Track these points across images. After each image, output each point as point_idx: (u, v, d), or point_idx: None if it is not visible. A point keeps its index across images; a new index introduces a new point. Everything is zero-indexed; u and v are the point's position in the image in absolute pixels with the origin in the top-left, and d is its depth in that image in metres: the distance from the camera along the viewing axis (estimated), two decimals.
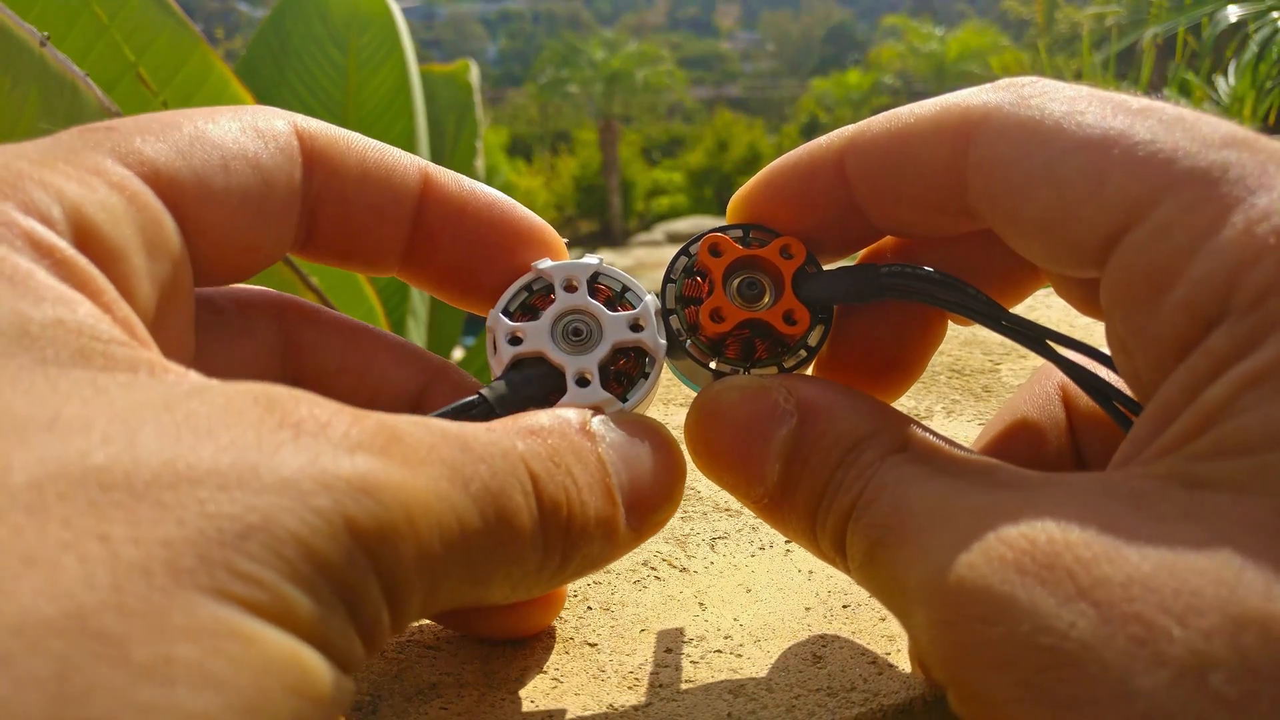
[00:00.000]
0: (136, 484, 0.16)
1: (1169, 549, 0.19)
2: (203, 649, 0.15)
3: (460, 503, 0.21)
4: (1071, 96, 0.25)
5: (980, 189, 0.26)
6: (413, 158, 0.31)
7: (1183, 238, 0.22)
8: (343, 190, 0.29)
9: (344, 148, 0.29)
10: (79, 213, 0.22)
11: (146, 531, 0.16)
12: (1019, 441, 0.32)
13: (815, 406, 0.27)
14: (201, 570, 0.16)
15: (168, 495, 0.16)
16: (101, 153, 0.24)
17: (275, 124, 0.28)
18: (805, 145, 0.31)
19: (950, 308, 0.30)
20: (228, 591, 0.16)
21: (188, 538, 0.16)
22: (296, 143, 0.28)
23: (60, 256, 0.21)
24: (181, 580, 0.15)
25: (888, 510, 0.24)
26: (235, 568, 0.16)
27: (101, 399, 0.18)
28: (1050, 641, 0.18)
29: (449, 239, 0.31)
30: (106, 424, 0.17)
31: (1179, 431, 0.21)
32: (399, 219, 0.30)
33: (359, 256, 0.31)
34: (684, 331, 0.31)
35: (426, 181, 0.31)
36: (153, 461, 0.17)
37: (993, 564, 0.20)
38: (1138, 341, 0.23)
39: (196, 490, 0.16)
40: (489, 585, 0.23)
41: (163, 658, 0.14)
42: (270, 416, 0.19)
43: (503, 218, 0.31)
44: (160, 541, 0.16)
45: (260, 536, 0.16)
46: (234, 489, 0.17)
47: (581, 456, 0.25)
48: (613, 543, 0.26)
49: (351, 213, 0.30)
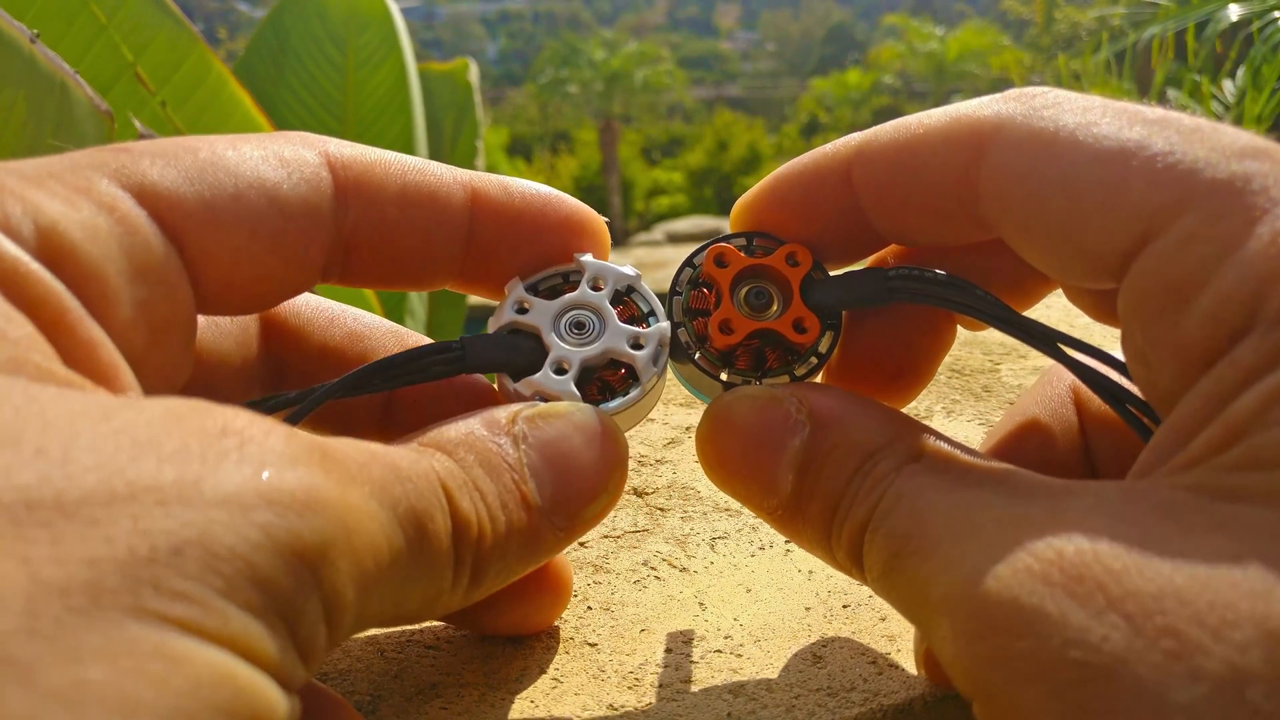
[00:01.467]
0: (67, 502, 0.16)
1: (1201, 561, 0.18)
2: (119, 671, 0.14)
3: (389, 522, 0.21)
4: (1085, 107, 0.25)
5: (993, 200, 0.26)
6: (457, 174, 0.30)
7: (1208, 249, 0.21)
8: (383, 217, 0.29)
9: (382, 174, 0.29)
10: (54, 230, 0.22)
11: (71, 551, 0.15)
12: (1029, 444, 0.31)
13: (828, 416, 0.27)
14: (125, 589, 0.15)
15: (101, 513, 0.16)
16: (101, 173, 0.24)
17: (303, 153, 0.27)
18: (810, 153, 0.30)
19: (960, 310, 0.29)
20: (154, 610, 0.15)
21: (115, 556, 0.15)
22: (327, 173, 0.28)
23: (20, 272, 0.20)
24: (102, 601, 0.15)
25: (907, 521, 0.24)
26: (165, 585, 0.16)
27: (34, 408, 0.17)
28: (1082, 655, 0.18)
29: (506, 249, 0.31)
30: (39, 435, 0.17)
31: (1206, 443, 0.21)
32: (448, 240, 0.30)
33: (407, 279, 0.31)
34: (693, 344, 0.31)
35: (475, 197, 0.30)
36: (88, 478, 0.16)
37: (1020, 576, 0.20)
38: (1159, 352, 0.23)
39: (131, 506, 0.16)
40: (407, 603, 0.23)
41: (75, 681, 0.14)
42: (210, 426, 0.18)
43: (556, 215, 0.31)
44: (85, 561, 0.15)
45: (194, 553, 0.16)
46: (173, 504, 0.16)
47: (493, 468, 0.25)
48: (536, 547, 0.26)
49: (395, 238, 0.29)
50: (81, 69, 1.14)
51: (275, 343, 0.32)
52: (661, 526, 0.41)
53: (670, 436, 0.49)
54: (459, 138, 2.56)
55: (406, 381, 0.29)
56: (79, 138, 0.75)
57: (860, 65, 18.56)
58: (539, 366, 0.30)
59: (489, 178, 0.31)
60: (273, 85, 2.16)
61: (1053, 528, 0.20)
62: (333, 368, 0.32)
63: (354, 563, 0.19)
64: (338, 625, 0.19)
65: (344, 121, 2.17)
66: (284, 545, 0.18)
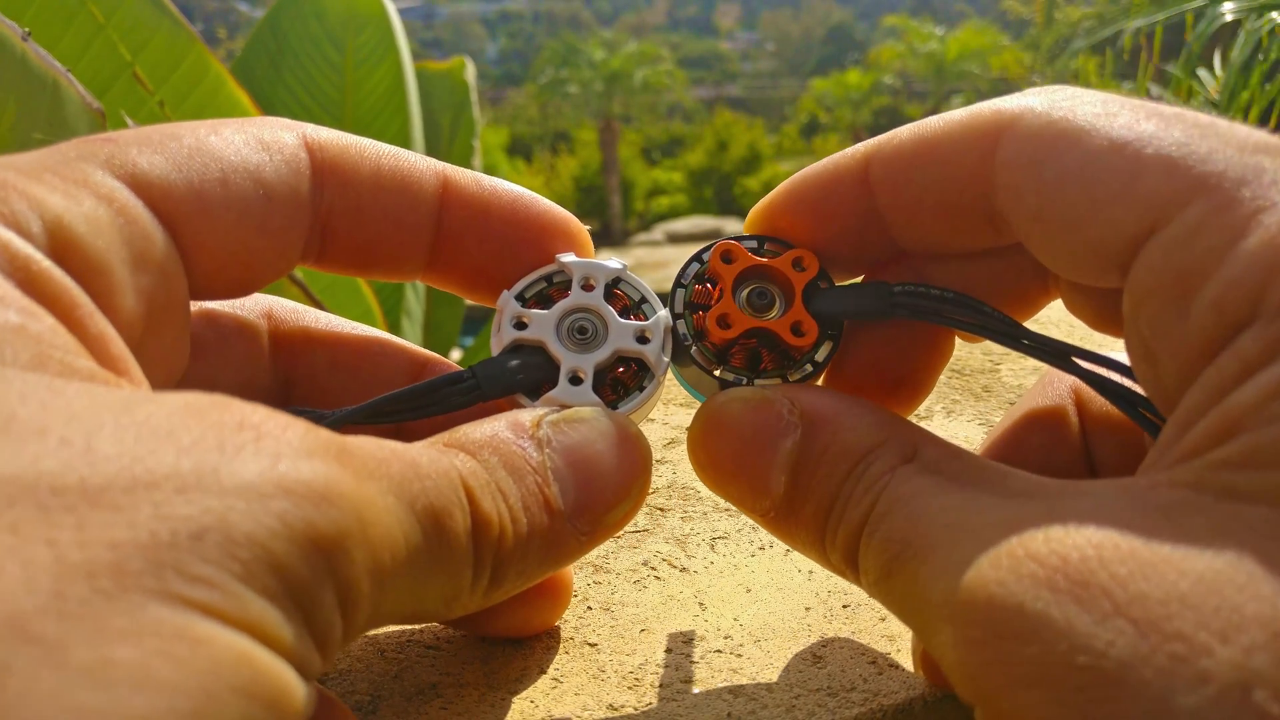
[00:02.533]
0: (90, 488, 0.16)
1: (1206, 564, 0.18)
2: (144, 651, 0.15)
3: (406, 517, 0.21)
4: (1103, 100, 0.25)
5: (1008, 187, 0.26)
6: (430, 162, 0.30)
7: (1213, 239, 0.21)
8: (358, 200, 0.29)
9: (356, 157, 0.29)
10: (60, 225, 0.22)
11: (95, 535, 0.15)
12: (1030, 444, 0.31)
13: (821, 417, 0.27)
14: (149, 572, 0.15)
15: (123, 499, 0.16)
16: (94, 164, 0.24)
17: (282, 136, 0.28)
18: (829, 157, 0.30)
19: (965, 327, 0.29)
20: (176, 593, 0.16)
21: (137, 540, 0.16)
22: (305, 155, 0.28)
23: (34, 269, 0.21)
24: (126, 583, 0.15)
25: (904, 524, 0.24)
26: (186, 569, 0.16)
27: (58, 402, 0.18)
28: (1088, 660, 0.18)
29: (474, 240, 0.31)
30: (63, 427, 0.17)
31: (1202, 435, 0.21)
32: (419, 225, 0.30)
33: (380, 265, 0.31)
34: (690, 337, 0.31)
35: (446, 185, 0.30)
36: (109, 466, 0.17)
37: (1023, 581, 0.19)
38: (1164, 344, 0.23)
39: (153, 493, 0.16)
40: (425, 600, 0.23)
41: (102, 660, 0.14)
42: (229, 419, 0.19)
43: (527, 213, 0.31)
44: (108, 545, 0.15)
45: (214, 538, 0.16)
46: (192, 491, 0.17)
47: (517, 470, 0.25)
48: (557, 551, 0.26)
49: (368, 222, 0.29)
50: (79, 68, 1.14)
51: (284, 359, 0.32)
52: (661, 526, 0.41)
53: (670, 436, 0.49)
54: (456, 136, 2.56)
55: (426, 413, 0.29)
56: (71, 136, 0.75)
57: (860, 65, 18.57)
58: (551, 379, 0.30)
59: (462, 170, 0.31)
60: (270, 85, 2.16)
61: (1054, 530, 0.20)
62: (340, 385, 0.32)
63: (369, 555, 0.19)
64: (353, 616, 0.20)
65: (342, 121, 2.17)
66: (300, 534, 0.18)
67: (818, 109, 17.34)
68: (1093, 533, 0.20)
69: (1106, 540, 0.19)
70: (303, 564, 0.18)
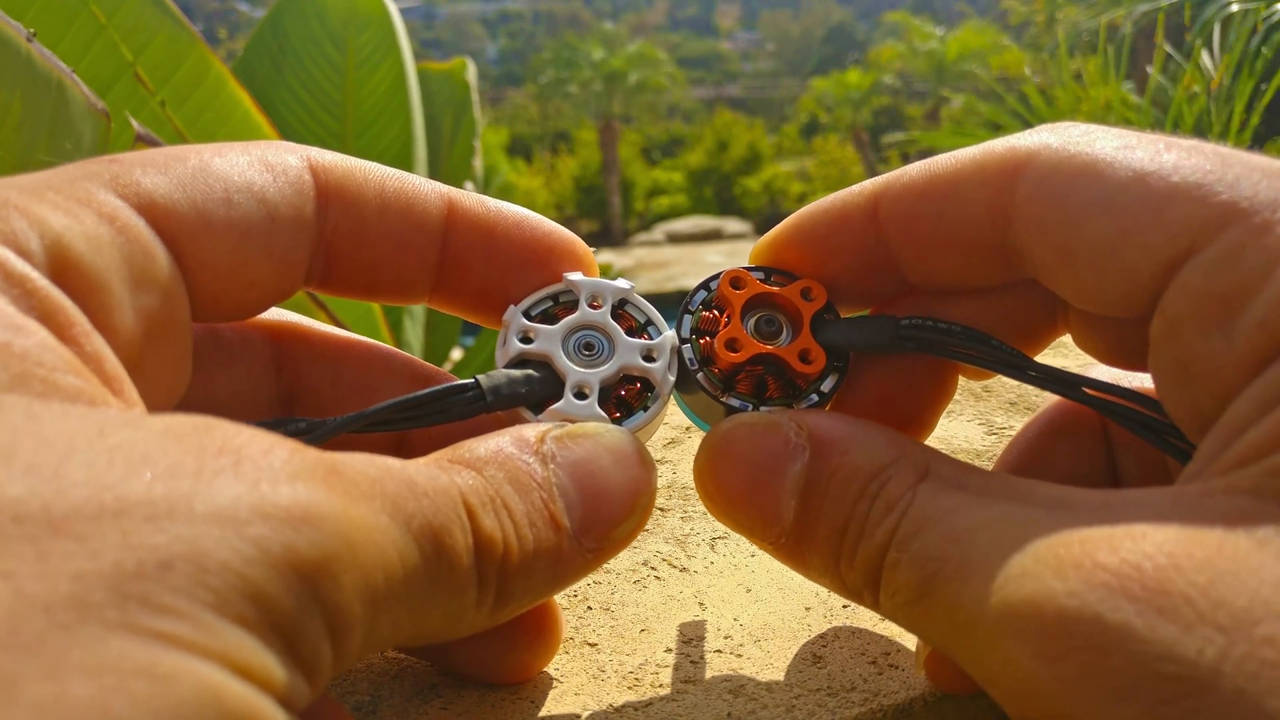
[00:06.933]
0: (54, 516, 0.16)
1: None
2: (102, 686, 0.14)
3: (401, 537, 0.21)
4: (1120, 133, 0.26)
5: (1030, 223, 0.26)
6: (435, 185, 0.30)
7: (1257, 259, 0.22)
8: (361, 223, 0.29)
9: (361, 179, 0.29)
10: (59, 243, 0.22)
11: (56, 566, 0.15)
12: (1057, 454, 0.31)
13: (829, 438, 0.27)
14: (111, 604, 0.15)
15: (88, 528, 0.16)
16: (97, 184, 0.24)
17: (286, 158, 0.28)
18: (837, 192, 0.30)
19: (972, 361, 0.29)
20: (140, 625, 0.15)
21: (100, 571, 0.15)
22: (309, 177, 0.28)
23: (29, 287, 0.21)
24: (87, 615, 0.15)
25: (940, 541, 0.23)
26: (152, 600, 0.15)
27: (32, 425, 0.17)
28: (1177, 670, 0.18)
29: (480, 263, 0.31)
30: (33, 452, 0.17)
31: (1255, 442, 0.21)
32: (424, 248, 0.30)
33: (385, 288, 0.31)
34: (696, 361, 0.31)
35: (451, 207, 0.30)
36: (77, 493, 0.16)
37: (1097, 591, 0.19)
38: (1204, 364, 0.23)
39: (120, 522, 0.16)
40: (428, 621, 0.22)
41: (55, 696, 0.14)
42: (210, 444, 0.18)
43: (533, 235, 0.31)
44: (69, 576, 0.15)
45: (184, 567, 0.16)
46: (163, 519, 0.16)
47: (521, 486, 0.25)
48: (563, 568, 0.25)
49: (372, 245, 0.29)
50: (81, 69, 1.14)
51: (288, 373, 0.32)
52: (661, 526, 0.41)
53: (670, 436, 0.49)
54: (457, 137, 2.56)
55: (427, 422, 0.28)
56: (75, 137, 0.75)
57: (860, 65, 18.55)
58: (556, 394, 0.30)
59: (467, 193, 0.31)
60: (272, 85, 2.16)
61: (1120, 540, 0.20)
62: (345, 399, 0.32)
63: (360, 578, 0.19)
64: (345, 643, 0.19)
65: (343, 121, 2.17)
66: (279, 560, 0.17)
67: (818, 109, 17.33)
68: (1162, 541, 0.20)
69: (1178, 548, 0.19)
70: (284, 591, 0.17)
